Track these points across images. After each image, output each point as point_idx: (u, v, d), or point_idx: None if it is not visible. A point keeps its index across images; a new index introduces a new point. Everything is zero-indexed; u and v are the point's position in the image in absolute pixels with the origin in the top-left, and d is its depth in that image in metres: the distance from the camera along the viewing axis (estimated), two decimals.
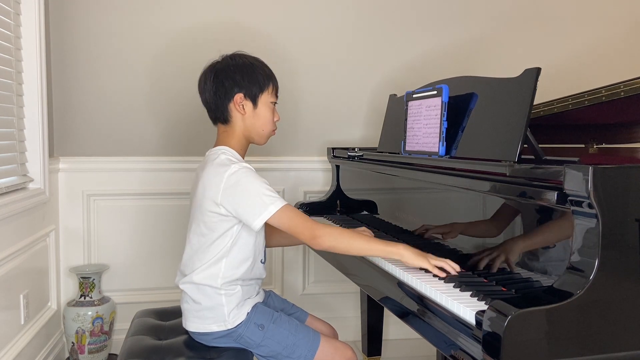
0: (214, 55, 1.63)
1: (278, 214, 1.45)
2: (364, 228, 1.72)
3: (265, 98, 1.60)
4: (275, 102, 1.64)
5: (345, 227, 1.90)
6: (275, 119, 1.64)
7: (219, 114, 1.60)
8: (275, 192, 1.49)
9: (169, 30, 2.54)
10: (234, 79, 1.56)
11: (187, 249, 1.58)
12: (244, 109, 1.57)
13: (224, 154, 1.55)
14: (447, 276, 1.34)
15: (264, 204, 1.45)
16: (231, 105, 1.57)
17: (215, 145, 1.62)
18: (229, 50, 1.63)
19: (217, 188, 1.47)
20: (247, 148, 1.65)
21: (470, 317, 1.10)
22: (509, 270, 1.27)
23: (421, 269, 1.41)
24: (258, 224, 1.46)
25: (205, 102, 1.62)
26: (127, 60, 2.53)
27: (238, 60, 1.59)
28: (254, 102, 1.58)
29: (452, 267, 1.36)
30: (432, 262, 1.37)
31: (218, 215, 1.49)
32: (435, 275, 1.36)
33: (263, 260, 1.63)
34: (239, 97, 1.57)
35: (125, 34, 2.52)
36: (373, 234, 1.61)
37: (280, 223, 1.47)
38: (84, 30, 2.49)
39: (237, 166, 1.48)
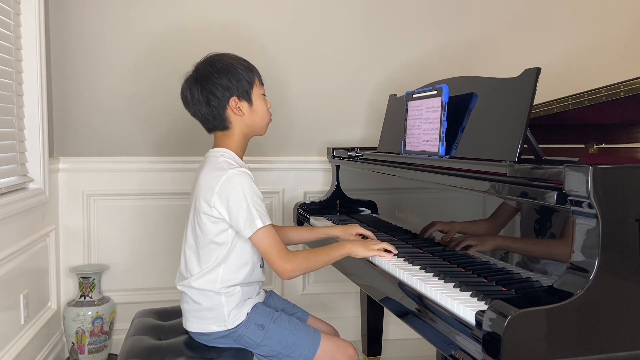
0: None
1: (260, 232, 1.46)
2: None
3: (256, 92, 1.59)
4: (264, 92, 1.63)
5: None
6: (268, 106, 1.63)
7: (217, 123, 1.57)
8: (264, 208, 1.50)
9: (167, 31, 2.54)
10: (222, 85, 1.54)
11: (186, 249, 1.58)
12: (241, 110, 1.56)
13: (223, 156, 1.54)
14: (393, 255, 1.54)
15: (252, 217, 1.45)
16: (228, 111, 1.56)
17: (214, 147, 1.61)
18: (225, 51, 1.62)
19: (212, 191, 1.47)
20: (246, 147, 1.64)
21: (470, 317, 1.10)
22: (508, 270, 1.27)
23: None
24: (247, 234, 1.47)
25: (199, 115, 1.58)
26: (127, 60, 2.53)
27: (218, 65, 1.55)
28: (249, 100, 1.57)
29: (392, 248, 1.55)
30: (375, 247, 1.55)
31: (211, 218, 1.49)
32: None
33: (262, 265, 1.63)
34: (233, 101, 1.55)
35: (124, 34, 2.52)
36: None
37: (257, 242, 1.48)
38: (84, 30, 2.49)
39: (234, 171, 1.47)
